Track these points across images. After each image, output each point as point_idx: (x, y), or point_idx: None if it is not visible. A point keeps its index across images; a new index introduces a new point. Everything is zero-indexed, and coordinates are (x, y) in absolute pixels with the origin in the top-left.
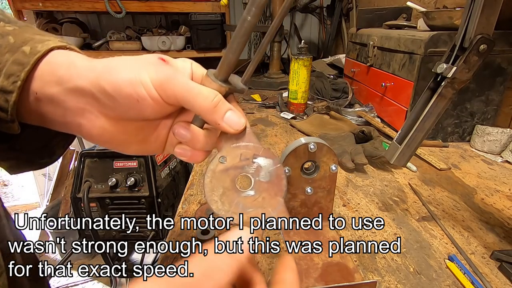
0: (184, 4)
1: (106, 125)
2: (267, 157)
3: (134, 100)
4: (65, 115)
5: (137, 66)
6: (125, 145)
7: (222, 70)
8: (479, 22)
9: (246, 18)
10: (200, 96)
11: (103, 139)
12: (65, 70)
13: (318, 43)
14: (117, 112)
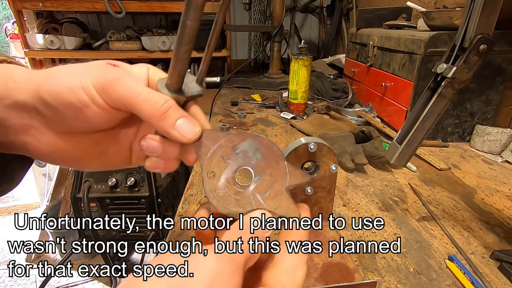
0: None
1: (56, 141)
2: (244, 139)
3: (77, 108)
4: (7, 135)
5: (79, 71)
6: (83, 162)
7: (173, 80)
8: (479, 22)
9: (186, 23)
10: (148, 101)
11: (56, 157)
12: (2, 85)
13: (318, 43)
14: (63, 124)
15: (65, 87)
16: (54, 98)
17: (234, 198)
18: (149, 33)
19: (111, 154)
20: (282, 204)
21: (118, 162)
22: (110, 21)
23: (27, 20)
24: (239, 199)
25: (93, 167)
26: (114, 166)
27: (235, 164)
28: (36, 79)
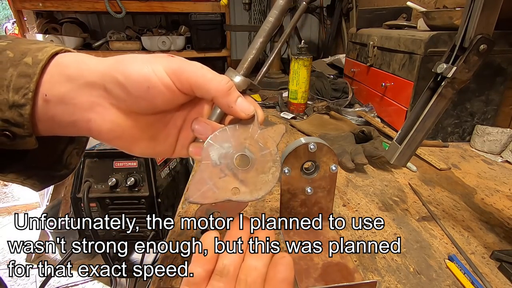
0: (184, 4)
1: (117, 118)
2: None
3: (145, 87)
4: (74, 113)
5: (149, 58)
6: (134, 142)
7: (244, 66)
8: (479, 22)
9: (268, 19)
10: (214, 80)
11: (113, 135)
12: (75, 68)
13: (318, 43)
14: (128, 103)
15: (136, 70)
16: (125, 77)
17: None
18: (149, 33)
19: (160, 140)
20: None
21: (163, 149)
22: (110, 21)
23: (27, 20)
24: (249, 181)
25: (140, 151)
26: (158, 153)
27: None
28: (108, 62)
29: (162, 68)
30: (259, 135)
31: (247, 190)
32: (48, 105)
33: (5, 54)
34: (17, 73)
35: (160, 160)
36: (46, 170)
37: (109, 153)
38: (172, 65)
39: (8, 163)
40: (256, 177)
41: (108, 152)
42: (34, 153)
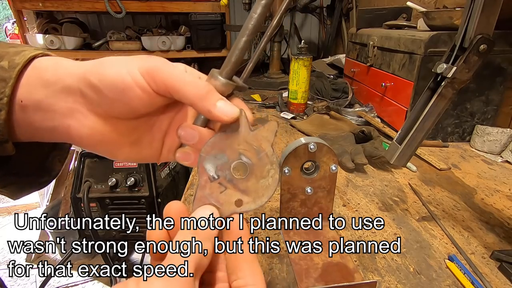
0: (184, 4)
1: (95, 124)
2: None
3: (121, 90)
4: (53, 119)
5: (126, 60)
6: (116, 148)
7: (226, 69)
8: (479, 22)
9: (252, 16)
10: (190, 84)
11: (93, 140)
12: (52, 72)
13: (318, 43)
14: (105, 107)
15: (112, 71)
16: (100, 80)
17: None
18: (149, 33)
19: (144, 145)
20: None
21: (149, 155)
22: (110, 21)
23: (27, 20)
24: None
25: (124, 156)
26: (144, 158)
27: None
28: (84, 66)
29: (137, 69)
30: (251, 137)
31: (250, 199)
32: (25, 111)
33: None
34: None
35: None
36: (28, 177)
37: None
38: (147, 65)
39: None
40: (256, 183)
41: None
42: (15, 160)
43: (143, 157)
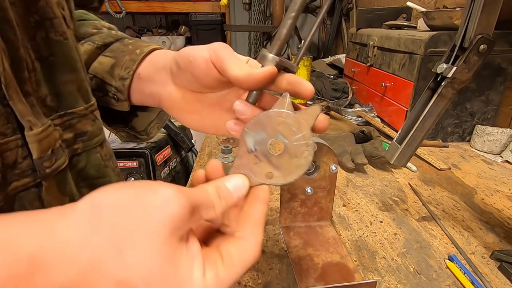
0: (184, 4)
1: (172, 91)
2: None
3: (189, 61)
4: (153, 87)
5: (202, 45)
6: (184, 113)
7: (275, 45)
8: (479, 22)
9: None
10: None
11: (169, 105)
12: (160, 57)
13: (318, 43)
14: (180, 77)
15: (187, 50)
16: (180, 57)
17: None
18: (149, 33)
19: (205, 115)
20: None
21: (208, 124)
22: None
23: None
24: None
25: (189, 122)
26: (204, 127)
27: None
28: (176, 52)
29: (206, 48)
30: (292, 119)
31: (280, 175)
32: (139, 80)
33: (128, 47)
34: (129, 58)
35: (160, 160)
36: (135, 132)
37: None
38: (214, 46)
39: (115, 121)
40: (289, 161)
41: None
42: (132, 120)
43: (203, 126)
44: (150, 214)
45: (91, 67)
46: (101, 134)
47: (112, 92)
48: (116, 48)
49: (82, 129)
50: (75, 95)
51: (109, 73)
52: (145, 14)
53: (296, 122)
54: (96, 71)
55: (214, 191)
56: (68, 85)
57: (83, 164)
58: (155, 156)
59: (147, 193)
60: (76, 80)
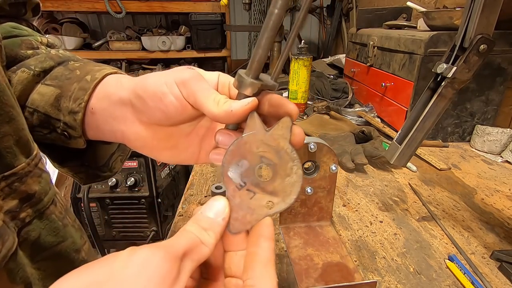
0: (184, 4)
1: (139, 130)
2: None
3: (158, 97)
4: (112, 124)
5: (166, 73)
6: (157, 151)
7: (252, 67)
8: (479, 22)
9: (273, 12)
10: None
11: (139, 144)
12: (113, 87)
13: (318, 43)
14: (147, 114)
15: (152, 82)
16: (143, 90)
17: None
18: (149, 33)
19: (181, 148)
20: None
21: (187, 157)
22: (110, 21)
23: None
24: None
25: (165, 158)
26: (184, 160)
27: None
28: (135, 81)
29: (173, 79)
30: (268, 137)
31: (279, 199)
32: (93, 115)
33: (75, 72)
34: (78, 87)
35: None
36: (94, 170)
37: None
38: (183, 76)
39: (67, 159)
40: (282, 183)
41: None
42: (88, 156)
43: (182, 159)
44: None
45: (29, 99)
46: (51, 189)
47: (61, 128)
48: (60, 74)
49: (28, 190)
50: (13, 150)
51: (53, 106)
52: (145, 14)
53: (273, 140)
54: (36, 104)
55: (195, 227)
56: (4, 140)
57: (36, 233)
58: None
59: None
60: (14, 132)
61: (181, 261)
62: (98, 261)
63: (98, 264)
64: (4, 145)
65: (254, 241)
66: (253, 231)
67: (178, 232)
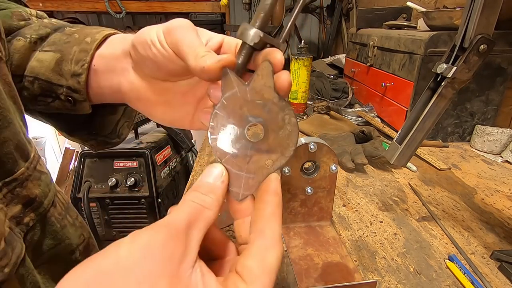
0: (184, 4)
1: (135, 80)
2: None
3: (148, 45)
4: (112, 78)
5: (160, 24)
6: (151, 105)
7: (257, 18)
8: (479, 22)
9: None
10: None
11: (133, 96)
12: (118, 42)
13: (318, 43)
14: (140, 64)
15: (144, 32)
16: (137, 41)
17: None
18: None
19: (176, 106)
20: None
21: (180, 117)
22: (110, 21)
23: None
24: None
25: (158, 115)
26: (175, 121)
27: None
28: (134, 35)
29: (162, 29)
30: (250, 92)
31: (278, 155)
32: (96, 74)
33: (73, 36)
34: (79, 49)
35: (160, 160)
36: (103, 137)
37: (109, 153)
38: (170, 25)
39: (76, 129)
40: (277, 137)
41: (108, 152)
42: (96, 123)
43: (175, 118)
44: (140, 268)
45: (27, 68)
46: (51, 190)
47: (65, 93)
48: (58, 39)
49: (30, 195)
50: (13, 156)
51: (55, 71)
52: (145, 14)
53: (256, 93)
54: (36, 72)
55: (194, 194)
56: (5, 145)
57: (37, 236)
58: (155, 156)
59: (124, 253)
60: (13, 136)
61: (185, 234)
62: (103, 252)
63: (102, 255)
64: (5, 151)
65: (259, 197)
66: (260, 188)
67: (179, 204)
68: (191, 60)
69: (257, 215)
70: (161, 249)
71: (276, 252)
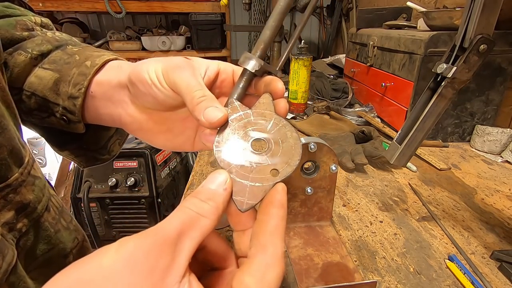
0: (184, 4)
1: (134, 113)
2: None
3: (148, 84)
4: (110, 107)
5: (158, 59)
6: (152, 135)
7: (258, 47)
8: (479, 22)
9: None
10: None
11: (134, 127)
12: (115, 72)
13: (318, 43)
14: (140, 99)
15: (142, 69)
16: (135, 76)
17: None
18: (149, 33)
19: (177, 133)
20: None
21: (182, 141)
22: (110, 21)
23: None
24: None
25: (160, 143)
26: (178, 146)
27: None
28: (132, 66)
29: (161, 68)
30: (254, 115)
31: (283, 164)
32: (93, 100)
33: (74, 57)
34: (78, 72)
35: (160, 160)
36: (93, 153)
37: None
38: (168, 64)
39: (66, 143)
40: (281, 149)
41: None
42: (87, 139)
43: (177, 144)
44: (120, 279)
45: (26, 82)
46: (44, 195)
47: (60, 112)
48: (58, 58)
49: (23, 200)
50: (7, 162)
51: (52, 90)
52: (145, 14)
53: (259, 115)
54: (34, 88)
55: (192, 201)
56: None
57: (30, 242)
58: (155, 156)
59: (107, 261)
60: (7, 142)
61: (174, 244)
62: (88, 258)
63: (86, 261)
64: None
65: (263, 209)
66: (264, 199)
67: (174, 210)
68: (188, 103)
69: (260, 228)
70: (143, 259)
71: (277, 270)
